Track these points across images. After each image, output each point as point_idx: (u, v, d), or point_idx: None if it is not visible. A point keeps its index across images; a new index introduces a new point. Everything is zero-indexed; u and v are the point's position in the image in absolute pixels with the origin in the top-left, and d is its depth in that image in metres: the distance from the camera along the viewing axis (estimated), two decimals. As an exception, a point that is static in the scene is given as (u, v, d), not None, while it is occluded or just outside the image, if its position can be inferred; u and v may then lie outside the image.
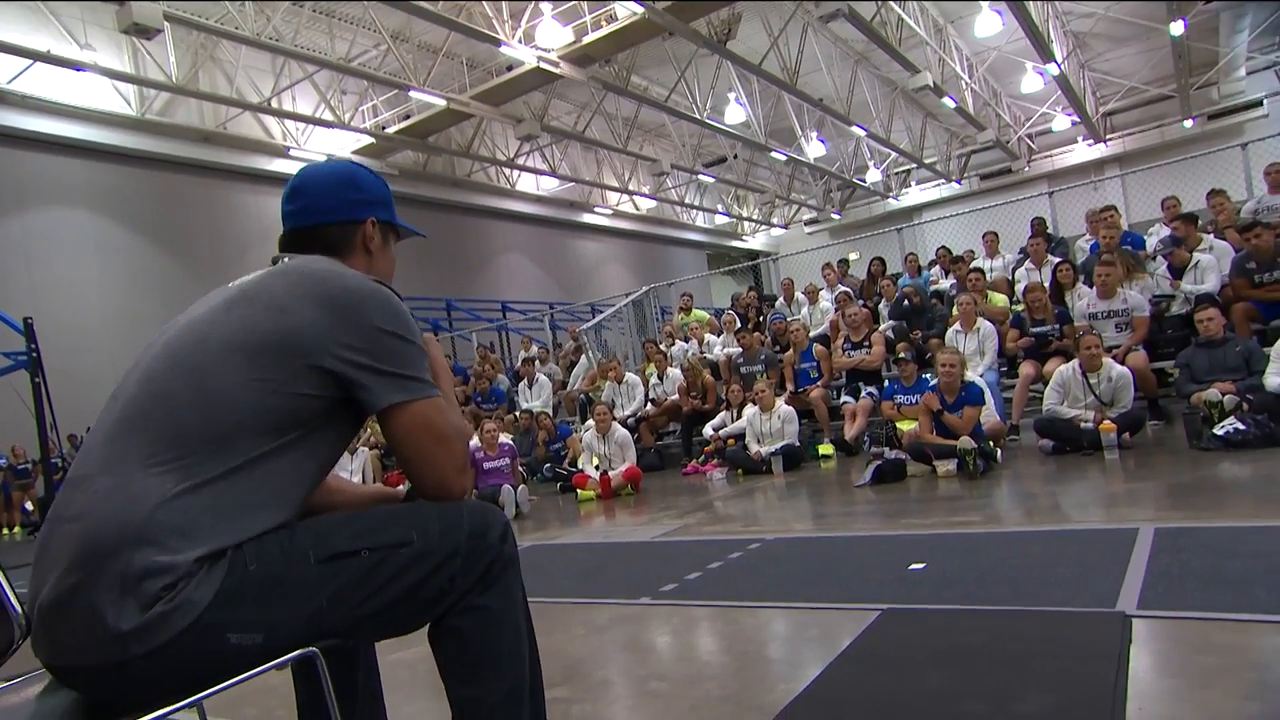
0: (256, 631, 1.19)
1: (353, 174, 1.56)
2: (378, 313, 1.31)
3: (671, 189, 25.43)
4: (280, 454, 1.25)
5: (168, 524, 1.15)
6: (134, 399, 1.26)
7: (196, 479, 1.18)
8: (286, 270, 1.37)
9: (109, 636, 1.11)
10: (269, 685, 2.84)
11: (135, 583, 1.12)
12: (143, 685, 1.15)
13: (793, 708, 1.95)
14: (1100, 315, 6.52)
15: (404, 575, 1.27)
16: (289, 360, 1.25)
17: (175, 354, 1.28)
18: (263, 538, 1.22)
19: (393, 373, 1.30)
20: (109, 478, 1.18)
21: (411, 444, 1.31)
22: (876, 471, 5.58)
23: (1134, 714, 1.67)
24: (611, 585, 3.72)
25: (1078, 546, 3.14)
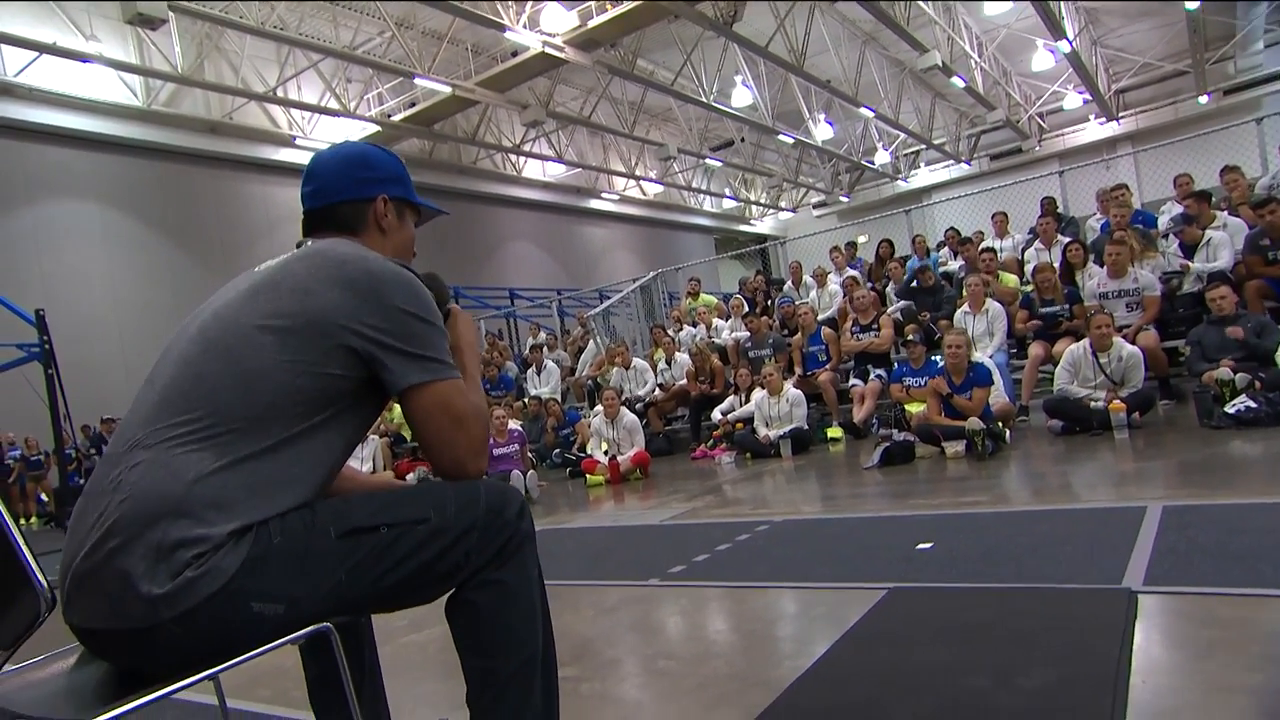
0: (279, 602, 1.23)
1: (363, 153, 1.59)
2: (399, 294, 1.34)
3: (678, 173, 25.34)
4: (312, 434, 1.30)
5: (205, 498, 1.20)
6: (172, 380, 1.30)
7: (232, 456, 1.23)
8: (308, 253, 1.40)
9: (139, 601, 1.15)
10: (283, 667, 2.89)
11: (169, 551, 1.16)
12: (169, 650, 1.19)
13: (799, 683, 1.97)
14: (1111, 295, 6.48)
15: (421, 550, 1.31)
16: (317, 341, 1.29)
17: (209, 338, 1.32)
18: (286, 514, 1.26)
19: (414, 353, 1.33)
20: (149, 453, 1.23)
21: (430, 425, 1.34)
22: (884, 453, 5.59)
23: (1138, 687, 1.68)
24: (620, 568, 3.75)
25: (1085, 525, 3.14)
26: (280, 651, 2.98)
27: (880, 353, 7.79)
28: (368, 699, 1.75)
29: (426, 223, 1.75)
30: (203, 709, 2.50)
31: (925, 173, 26.53)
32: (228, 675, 2.70)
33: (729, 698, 1.99)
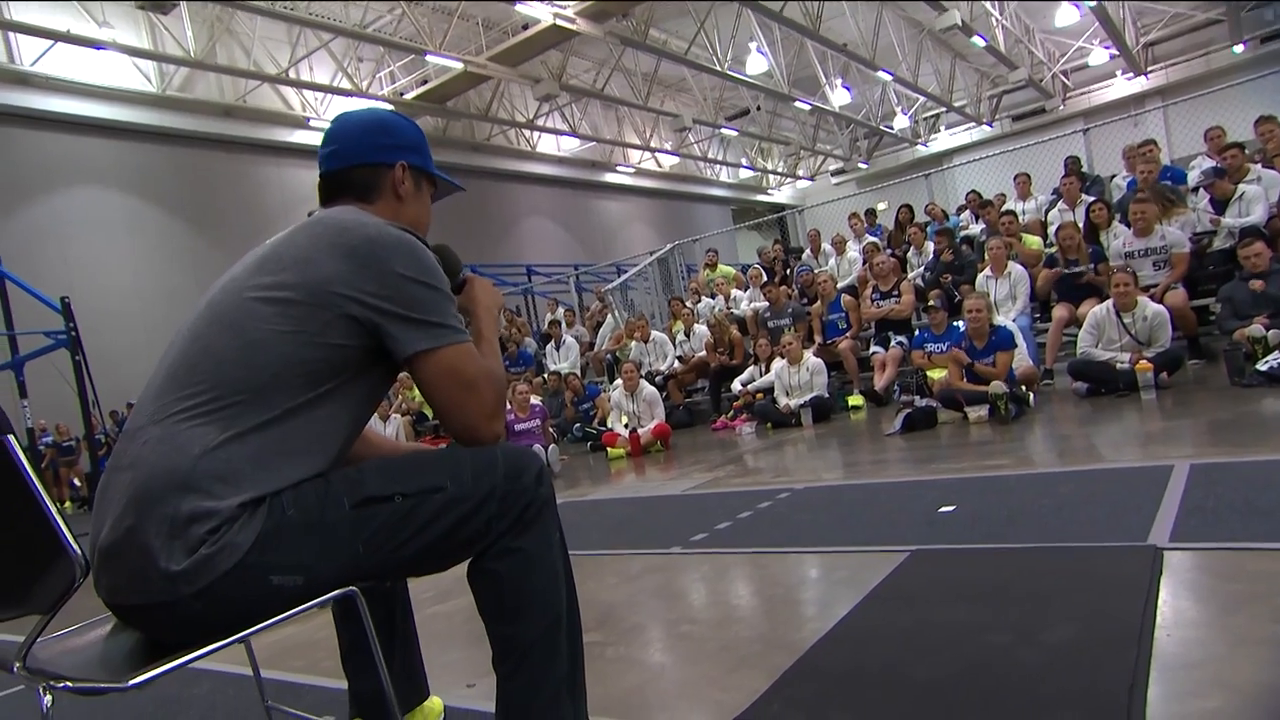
0: (297, 574, 1.24)
1: (384, 119, 1.57)
2: (399, 259, 1.31)
3: (694, 144, 25.10)
4: (317, 404, 1.30)
5: (211, 471, 1.20)
6: (180, 355, 1.32)
7: (238, 429, 1.23)
8: (311, 223, 1.40)
9: (159, 577, 1.17)
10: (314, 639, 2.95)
11: (182, 527, 1.18)
12: (192, 624, 1.21)
13: (820, 645, 1.97)
14: (1138, 254, 6.36)
15: (438, 520, 1.30)
16: (318, 312, 1.28)
17: (216, 311, 1.33)
18: (300, 485, 1.26)
19: (418, 319, 1.31)
20: (158, 428, 1.24)
21: (440, 390, 1.33)
22: (906, 420, 5.55)
23: (1162, 640, 1.66)
24: (643, 536, 3.77)
25: (1110, 485, 3.11)
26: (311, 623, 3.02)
27: (901, 319, 7.72)
28: (401, 663, 1.77)
29: (442, 198, 1.71)
30: (236, 680, 2.55)
31: (945, 136, 26.05)
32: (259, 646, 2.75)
33: (751, 660, 2.00)
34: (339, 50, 15.38)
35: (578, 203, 23.86)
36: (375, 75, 16.57)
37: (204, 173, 15.45)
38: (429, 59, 14.91)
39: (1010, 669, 1.63)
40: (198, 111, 15.22)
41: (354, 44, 15.40)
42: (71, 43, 12.25)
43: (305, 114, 16.59)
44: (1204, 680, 1.49)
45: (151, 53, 13.59)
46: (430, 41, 14.22)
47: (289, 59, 14.93)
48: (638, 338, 9.39)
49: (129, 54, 13.28)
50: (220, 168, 15.73)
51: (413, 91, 16.89)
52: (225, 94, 15.56)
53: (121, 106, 14.16)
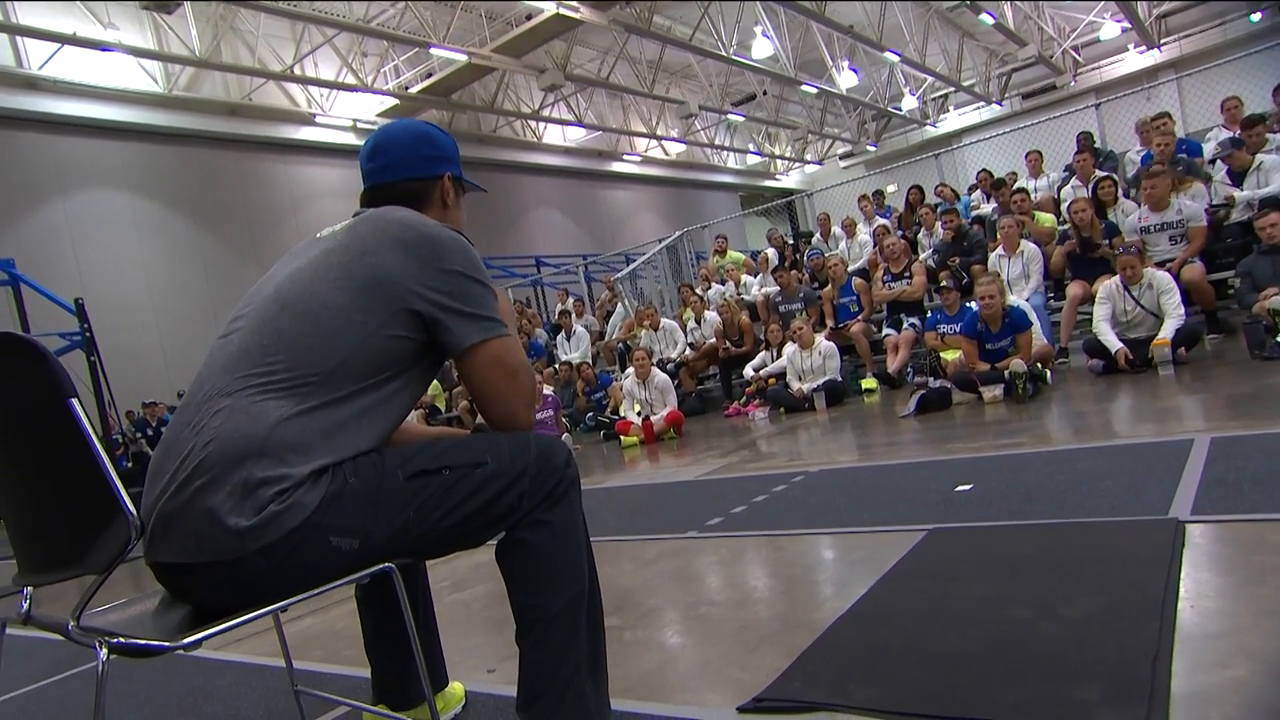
0: (354, 536, 1.31)
1: (430, 132, 1.67)
2: (456, 257, 1.42)
3: (700, 131, 24.98)
4: (376, 389, 1.39)
5: (286, 441, 1.28)
6: (251, 335, 1.39)
7: (310, 404, 1.32)
8: (371, 218, 1.48)
9: (227, 534, 1.22)
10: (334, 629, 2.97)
11: (254, 489, 1.24)
12: (252, 581, 1.26)
13: (840, 623, 1.97)
14: (1153, 228, 6.28)
15: (480, 491, 1.40)
16: (384, 304, 1.38)
17: (285, 299, 1.40)
18: (358, 458, 1.35)
19: (472, 313, 1.41)
20: (230, 400, 1.32)
21: (489, 379, 1.44)
22: (921, 401, 5.52)
23: (1185, 612, 1.65)
24: (658, 522, 3.77)
25: (1129, 460, 3.08)
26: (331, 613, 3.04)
27: (913, 300, 7.67)
28: (426, 646, 1.80)
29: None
30: (259, 670, 2.58)
31: (954, 116, 25.83)
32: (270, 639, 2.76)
33: (771, 639, 2.00)
34: (343, 46, 15.38)
35: (585, 193, 23.81)
36: (380, 70, 16.56)
37: (212, 171, 15.52)
38: (433, 52, 14.88)
39: (1033, 642, 1.62)
40: (204, 111, 15.27)
41: (358, 39, 15.40)
42: (78, 45, 12.30)
43: (311, 110, 16.61)
44: (1228, 650, 1.48)
45: (157, 53, 13.63)
46: (434, 34, 14.20)
47: (293, 56, 14.94)
48: (647, 326, 9.38)
49: (134, 55, 13.32)
50: (228, 166, 15.79)
51: (417, 85, 16.89)
52: (231, 92, 15.60)
53: (128, 108, 14.22)
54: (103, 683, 1.18)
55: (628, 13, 15.06)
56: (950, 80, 22.09)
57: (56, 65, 13.06)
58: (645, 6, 15.29)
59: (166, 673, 2.73)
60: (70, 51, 12.73)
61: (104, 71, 13.56)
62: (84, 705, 2.54)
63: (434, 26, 14.24)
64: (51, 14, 12.35)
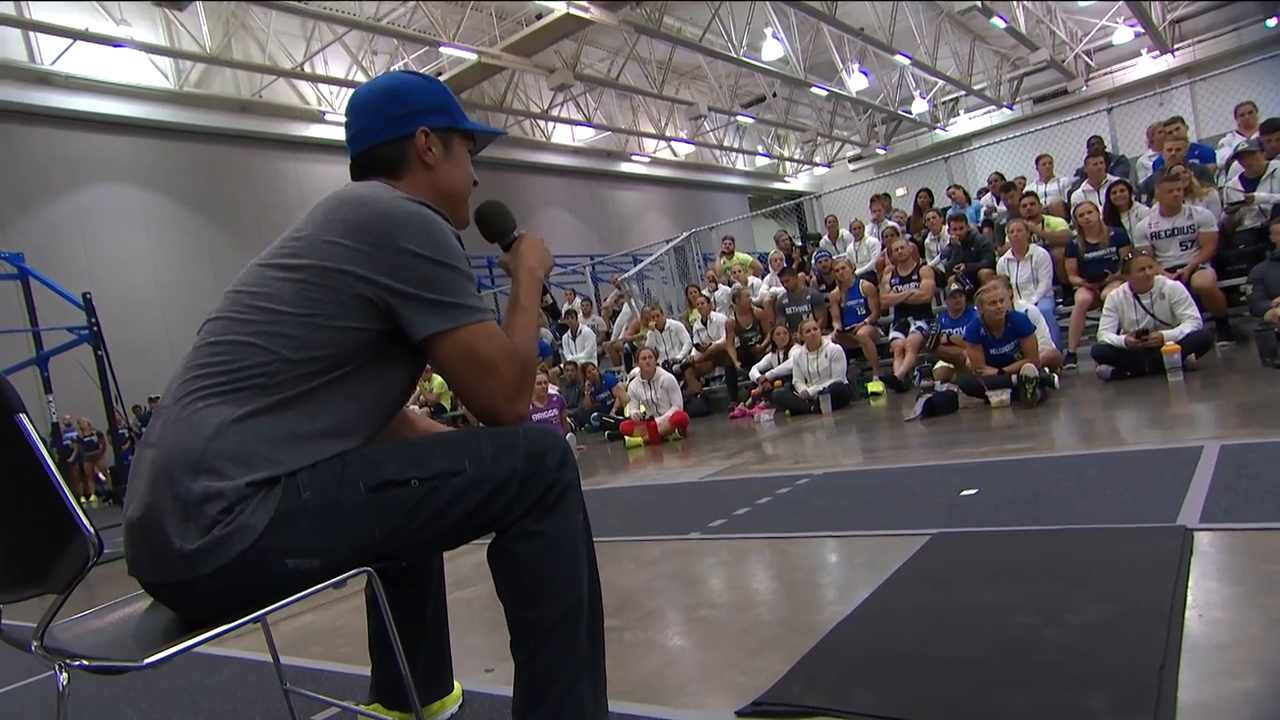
0: (313, 557, 1.21)
1: (395, 86, 1.48)
2: (411, 236, 1.26)
3: (709, 132, 24.97)
4: (334, 387, 1.27)
5: (223, 451, 1.18)
6: (205, 333, 1.31)
7: (251, 408, 1.21)
8: (327, 200, 1.36)
9: (176, 556, 1.16)
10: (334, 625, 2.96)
11: (195, 506, 1.16)
12: (211, 604, 1.20)
13: (841, 626, 1.94)
14: (1164, 234, 6.23)
15: (457, 504, 1.27)
16: (331, 293, 1.25)
17: (238, 293, 1.31)
18: (316, 466, 1.23)
19: (430, 299, 1.26)
20: (175, 408, 1.24)
21: (457, 373, 1.29)
22: (927, 404, 5.49)
23: (1193, 620, 1.62)
24: (661, 523, 3.75)
25: (1137, 466, 3.05)
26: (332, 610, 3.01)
27: (921, 304, 7.63)
28: (429, 651, 1.73)
29: (483, 149, 1.63)
30: (256, 666, 2.56)
31: (965, 120, 25.74)
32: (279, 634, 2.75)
33: (772, 643, 1.97)
34: (353, 43, 15.42)
35: (593, 193, 23.80)
36: (389, 67, 16.58)
37: (221, 168, 15.56)
38: (443, 51, 14.91)
39: (1037, 649, 1.60)
40: (214, 107, 15.32)
41: (368, 37, 15.43)
42: (90, 41, 12.37)
43: (320, 108, 16.65)
44: (1237, 661, 1.45)
45: (168, 49, 13.69)
46: (444, 33, 14.22)
47: (304, 53, 14.99)
48: (653, 326, 9.36)
49: (146, 51, 13.39)
50: (237, 162, 15.83)
51: (427, 83, 16.89)
52: (241, 89, 15.65)
53: (139, 104, 14.28)
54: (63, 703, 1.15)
55: (638, 13, 15.05)
56: (961, 84, 22.02)
57: (68, 61, 13.13)
58: (655, 7, 15.27)
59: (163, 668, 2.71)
60: (82, 47, 12.80)
61: (115, 67, 13.63)
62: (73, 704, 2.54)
63: (444, 25, 14.26)
64: (64, 10, 12.42)
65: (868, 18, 17.43)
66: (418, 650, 1.69)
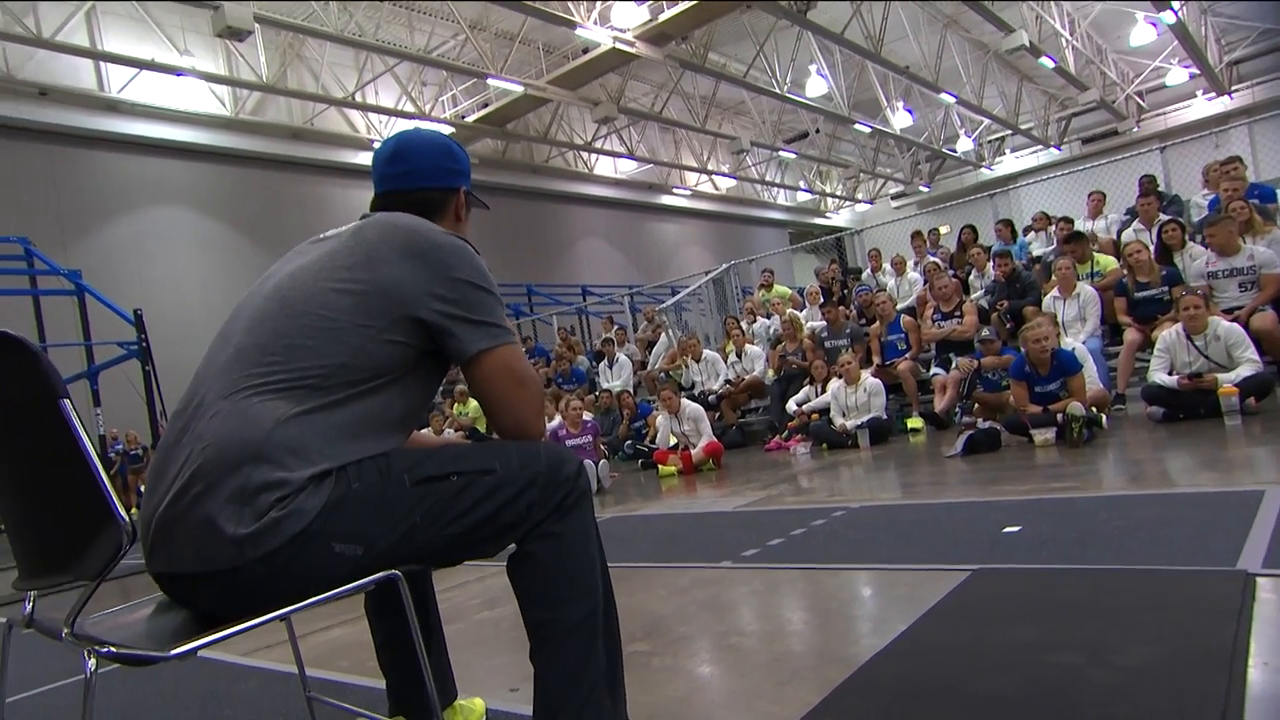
0: (358, 543, 1.28)
1: (450, 145, 1.67)
2: (463, 265, 1.40)
3: (751, 167, 25.06)
4: (376, 393, 1.36)
5: (284, 444, 1.25)
6: (248, 336, 1.36)
7: (308, 406, 1.29)
8: (379, 222, 1.46)
9: (226, 542, 1.20)
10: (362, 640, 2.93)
11: (254, 494, 1.21)
12: (252, 591, 1.23)
13: (876, 659, 1.87)
14: (1221, 274, 6.05)
15: (488, 500, 1.35)
16: (388, 310, 1.35)
17: (286, 298, 1.38)
18: (362, 462, 1.32)
19: (479, 320, 1.39)
20: (226, 403, 1.29)
21: (497, 386, 1.41)
22: (968, 442, 5.35)
23: (1256, 670, 1.52)
24: (693, 551, 3.70)
25: (1192, 508, 2.92)
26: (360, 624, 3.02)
27: (964, 340, 7.49)
28: (434, 660, 1.76)
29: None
30: (283, 677, 2.56)
31: (1011, 159, 25.51)
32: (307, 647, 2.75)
33: (803, 673, 1.91)
34: (404, 74, 15.84)
35: (634, 224, 23.99)
36: (438, 99, 17.00)
37: (271, 192, 16.02)
38: (490, 82, 15.23)
39: (1082, 689, 1.52)
40: (267, 134, 15.82)
41: (418, 68, 15.85)
42: (155, 70, 12.91)
43: (370, 136, 17.09)
44: (1305, 712, 1.36)
45: (227, 78, 14.21)
46: (492, 65, 14.54)
47: (355, 83, 15.44)
48: (689, 357, 9.32)
49: (206, 80, 13.91)
50: (287, 188, 16.29)
51: (474, 114, 17.27)
52: (294, 117, 16.14)
53: (197, 129, 14.83)
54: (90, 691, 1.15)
55: (683, 48, 15.24)
56: (1007, 123, 21.84)
57: (134, 89, 13.71)
58: (700, 43, 15.46)
59: (191, 675, 2.72)
60: (147, 76, 13.36)
61: (176, 95, 14.19)
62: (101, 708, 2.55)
63: (492, 58, 14.59)
64: (134, 41, 13.00)
65: (913, 56, 17.43)
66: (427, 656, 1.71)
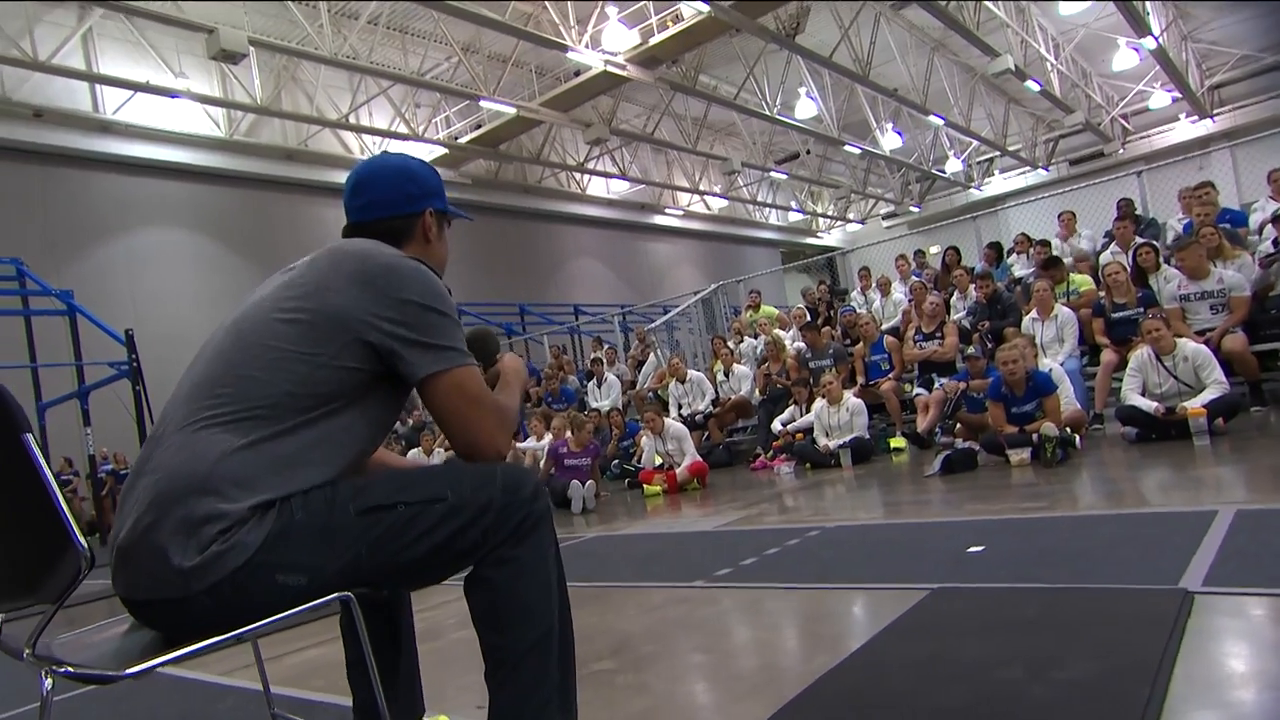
0: (301, 573, 1.29)
1: (409, 167, 1.65)
2: (412, 287, 1.39)
3: (743, 187, 25.28)
4: (327, 419, 1.36)
5: (228, 476, 1.27)
6: (205, 369, 1.40)
7: (254, 437, 1.30)
8: (334, 251, 1.47)
9: (172, 573, 1.23)
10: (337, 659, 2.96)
11: (197, 526, 1.24)
12: (202, 620, 1.26)
13: (828, 675, 1.94)
14: (1193, 296, 6.16)
15: (439, 528, 1.35)
16: (335, 335, 1.36)
17: (240, 330, 1.41)
18: (309, 492, 1.32)
19: (429, 343, 1.37)
20: (180, 435, 1.32)
21: (447, 408, 1.39)
22: (946, 462, 5.42)
23: (1180, 679, 1.59)
24: (668, 570, 3.75)
25: (1148, 528, 3.00)
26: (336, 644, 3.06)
27: (945, 361, 7.58)
28: (404, 677, 1.77)
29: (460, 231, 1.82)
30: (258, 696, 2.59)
31: (1000, 180, 25.77)
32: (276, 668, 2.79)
33: (758, 689, 1.97)
34: (397, 96, 16.00)
35: (626, 244, 24.14)
36: (431, 120, 17.15)
37: (265, 212, 16.13)
38: (483, 104, 15.39)
39: (1020, 702, 1.59)
40: (262, 155, 15.95)
41: (411, 90, 16.01)
42: (150, 92, 13.04)
43: (363, 157, 17.16)
44: (1220, 723, 1.42)
45: (222, 100, 14.34)
46: (485, 87, 14.70)
47: (349, 105, 15.59)
48: (674, 378, 9.38)
49: (201, 102, 14.05)
50: (280, 208, 16.40)
51: (467, 135, 17.42)
52: (288, 138, 16.28)
53: (192, 150, 14.95)
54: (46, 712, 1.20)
55: (673, 71, 15.44)
56: (996, 145, 22.11)
57: (128, 110, 13.83)
58: (691, 66, 15.66)
59: (171, 695, 2.76)
60: (142, 97, 13.49)
61: (171, 116, 14.32)
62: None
63: (485, 80, 14.75)
64: (129, 63, 13.14)
65: (901, 78, 17.67)
66: (395, 677, 1.73)
